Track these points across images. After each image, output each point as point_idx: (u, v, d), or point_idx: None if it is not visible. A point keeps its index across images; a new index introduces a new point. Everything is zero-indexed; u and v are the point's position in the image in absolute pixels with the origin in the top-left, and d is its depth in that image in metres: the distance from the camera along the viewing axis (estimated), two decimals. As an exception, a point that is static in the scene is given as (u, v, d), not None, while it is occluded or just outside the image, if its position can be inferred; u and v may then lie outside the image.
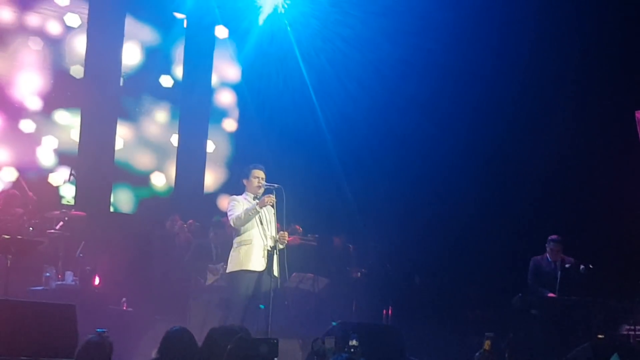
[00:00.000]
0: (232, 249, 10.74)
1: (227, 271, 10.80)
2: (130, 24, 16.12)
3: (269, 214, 10.70)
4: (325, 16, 16.82)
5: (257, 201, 10.58)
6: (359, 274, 15.02)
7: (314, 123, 16.89)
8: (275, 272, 10.57)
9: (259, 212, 10.52)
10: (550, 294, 12.93)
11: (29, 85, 14.85)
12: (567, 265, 12.93)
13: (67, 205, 14.01)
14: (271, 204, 10.51)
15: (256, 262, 10.53)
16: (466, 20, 15.75)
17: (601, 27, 15.02)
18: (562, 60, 15.53)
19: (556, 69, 15.56)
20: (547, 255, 13.19)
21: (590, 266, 12.80)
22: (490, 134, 16.00)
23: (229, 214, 10.72)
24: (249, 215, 10.50)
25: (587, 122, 15.37)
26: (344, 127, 16.76)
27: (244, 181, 10.88)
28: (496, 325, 11.06)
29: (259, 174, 10.77)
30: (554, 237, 13.19)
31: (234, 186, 11.98)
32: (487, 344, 9.84)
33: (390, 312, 14.61)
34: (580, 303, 12.63)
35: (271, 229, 10.62)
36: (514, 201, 15.66)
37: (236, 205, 10.66)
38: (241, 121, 17.53)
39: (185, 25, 16.84)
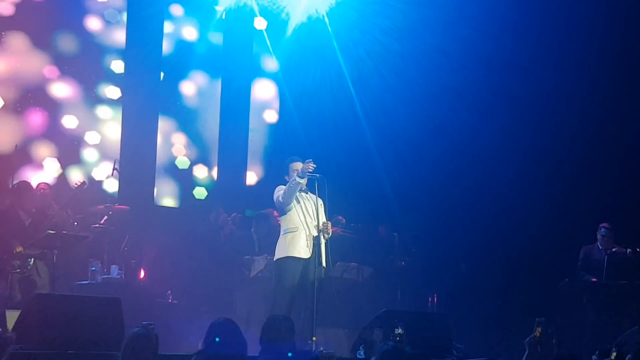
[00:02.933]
0: (279, 237, 10.81)
1: (274, 259, 10.84)
2: (170, 18, 16.16)
3: (312, 203, 10.71)
4: (363, 7, 16.77)
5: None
6: (403, 262, 14.99)
7: (352, 114, 16.84)
8: (323, 262, 10.57)
9: (300, 183, 10.53)
10: (593, 279, 12.85)
11: (71, 81, 14.91)
12: (614, 249, 12.82)
13: (111, 199, 14.00)
14: (310, 170, 10.46)
15: (302, 250, 10.56)
16: (506, 10, 15.64)
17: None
18: (602, 48, 15.40)
19: (598, 58, 15.44)
20: (598, 243, 13.07)
21: (638, 249, 12.70)
22: (532, 123, 15.90)
23: (275, 196, 10.78)
24: (291, 188, 10.53)
25: (636, 109, 15.24)
26: (383, 118, 16.71)
27: (286, 177, 10.86)
28: (543, 311, 10.98)
29: (298, 165, 10.71)
30: (605, 224, 13.06)
31: (275, 178, 11.97)
32: (537, 331, 9.76)
33: (435, 300, 14.58)
34: (629, 287, 12.54)
35: (315, 218, 10.61)
36: (560, 187, 15.54)
37: (282, 189, 10.72)
38: (281, 112, 17.52)
39: (223, 18, 16.85)
